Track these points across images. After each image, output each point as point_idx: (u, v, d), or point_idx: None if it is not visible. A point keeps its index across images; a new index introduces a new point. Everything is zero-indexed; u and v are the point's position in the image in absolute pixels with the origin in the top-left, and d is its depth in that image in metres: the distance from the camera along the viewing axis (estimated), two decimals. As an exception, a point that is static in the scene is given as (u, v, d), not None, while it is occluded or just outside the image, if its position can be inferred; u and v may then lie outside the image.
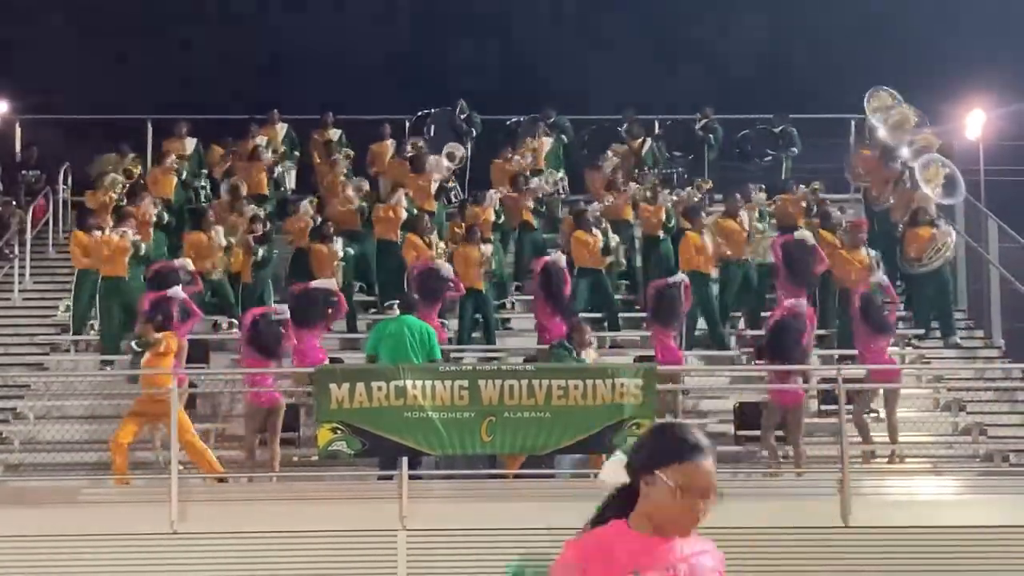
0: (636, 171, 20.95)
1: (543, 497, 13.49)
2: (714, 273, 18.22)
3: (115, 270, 17.39)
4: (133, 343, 14.60)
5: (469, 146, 22.02)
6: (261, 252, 18.11)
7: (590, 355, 14.57)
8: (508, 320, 18.85)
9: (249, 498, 13.71)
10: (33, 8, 27.10)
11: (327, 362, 15.59)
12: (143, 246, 17.67)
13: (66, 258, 20.18)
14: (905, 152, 19.23)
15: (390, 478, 13.70)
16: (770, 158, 21.84)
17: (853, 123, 22.13)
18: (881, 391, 15.41)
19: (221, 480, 14.15)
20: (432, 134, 21.98)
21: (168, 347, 14.18)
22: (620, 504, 3.76)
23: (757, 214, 18.96)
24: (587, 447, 13.57)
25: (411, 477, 13.13)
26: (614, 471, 3.77)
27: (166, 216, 19.20)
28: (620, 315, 18.68)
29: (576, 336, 14.55)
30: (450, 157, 20.86)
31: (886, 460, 15.57)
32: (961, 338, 18.46)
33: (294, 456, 15.13)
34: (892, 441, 15.38)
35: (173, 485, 12.97)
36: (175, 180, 20.32)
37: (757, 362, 16.47)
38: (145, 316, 14.83)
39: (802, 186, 20.07)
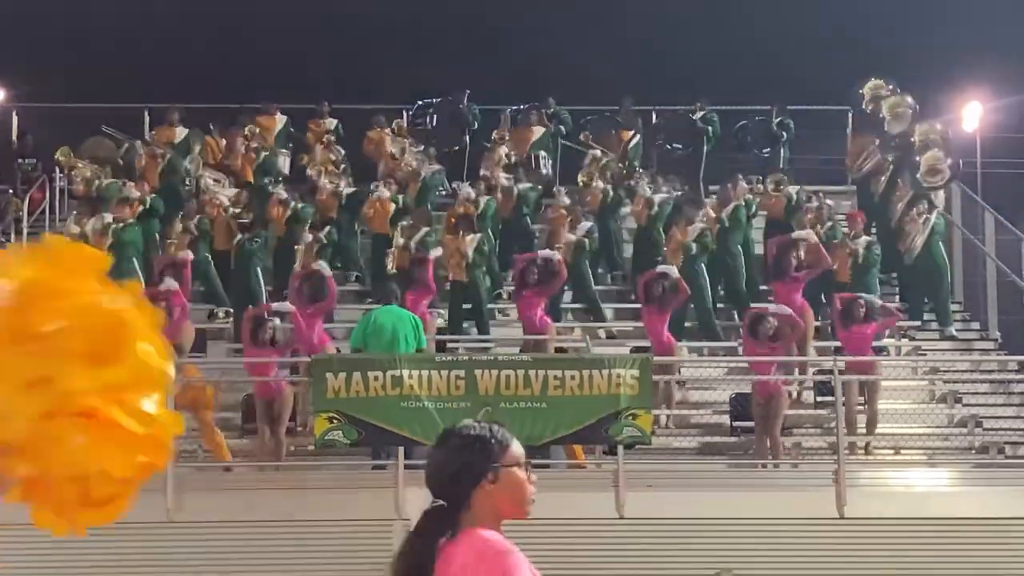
0: (621, 165, 20.91)
1: (537, 487, 13.48)
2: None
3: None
4: None
5: (467, 136, 22.02)
6: (240, 237, 18.04)
7: None
8: (504, 311, 18.84)
9: (245, 487, 13.72)
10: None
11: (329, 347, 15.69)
12: (127, 231, 17.64)
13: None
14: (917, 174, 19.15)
15: (383, 468, 13.73)
16: (768, 150, 21.81)
17: (851, 115, 22.11)
18: (863, 382, 15.50)
19: (227, 469, 14.24)
20: (433, 124, 21.94)
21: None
22: (439, 527, 3.76)
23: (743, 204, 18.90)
24: (583, 438, 13.59)
25: (406, 467, 13.16)
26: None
27: (151, 203, 19.06)
28: (614, 306, 18.82)
29: None
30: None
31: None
32: (957, 330, 18.47)
33: (290, 445, 15.14)
34: (868, 432, 15.44)
35: (169, 474, 12.97)
36: (158, 167, 20.25)
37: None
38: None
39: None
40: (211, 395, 14.39)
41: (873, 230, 19.06)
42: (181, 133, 21.16)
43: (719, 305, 18.36)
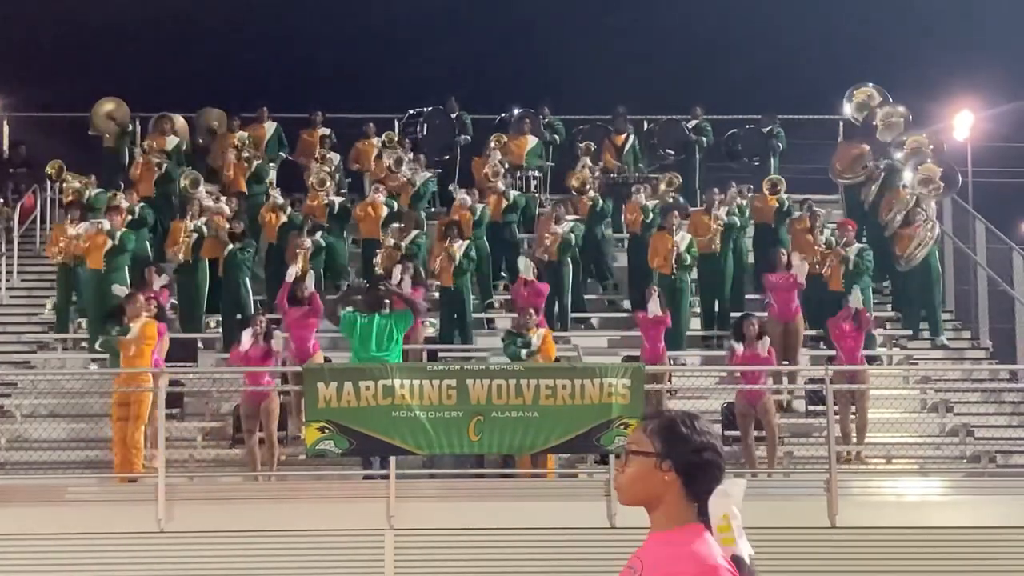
0: (615, 175, 20.90)
1: (530, 497, 13.51)
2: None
3: (94, 263, 17.45)
4: (101, 340, 14.57)
5: (459, 144, 22.03)
6: (231, 247, 17.92)
7: (538, 334, 15.13)
8: (492, 320, 18.79)
9: (236, 497, 13.69)
10: (21, 5, 27.06)
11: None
12: (127, 236, 17.60)
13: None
14: (898, 155, 19.22)
15: (374, 477, 13.70)
16: (758, 159, 21.85)
17: (841, 124, 22.16)
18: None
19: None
20: (424, 133, 21.94)
21: (145, 334, 14.09)
22: None
23: (729, 209, 18.92)
24: (575, 447, 13.58)
25: (399, 477, 13.13)
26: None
27: (140, 212, 18.99)
28: (605, 315, 18.88)
29: (521, 321, 15.30)
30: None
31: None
32: (948, 339, 18.49)
33: (281, 455, 15.11)
34: (858, 441, 15.46)
35: (160, 484, 12.95)
36: (153, 176, 20.22)
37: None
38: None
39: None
40: (144, 408, 13.95)
41: (864, 238, 19.08)
42: (172, 142, 21.13)
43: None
